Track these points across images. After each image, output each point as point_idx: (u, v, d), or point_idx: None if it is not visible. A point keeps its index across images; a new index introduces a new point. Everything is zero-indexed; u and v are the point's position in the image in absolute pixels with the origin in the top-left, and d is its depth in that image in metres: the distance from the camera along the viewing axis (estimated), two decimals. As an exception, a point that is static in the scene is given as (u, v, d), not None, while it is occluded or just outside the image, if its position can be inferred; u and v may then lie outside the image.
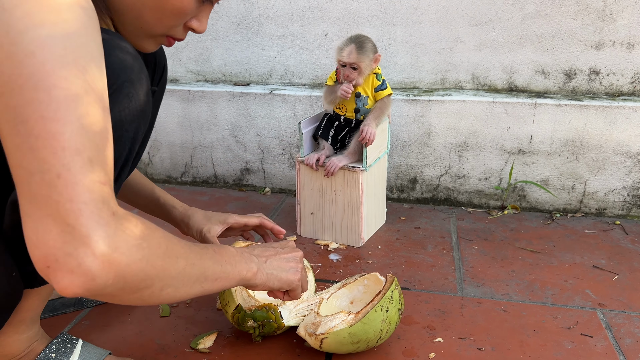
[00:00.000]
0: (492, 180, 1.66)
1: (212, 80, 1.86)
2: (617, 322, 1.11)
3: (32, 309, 0.85)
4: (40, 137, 0.54)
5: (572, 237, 1.49)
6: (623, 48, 1.55)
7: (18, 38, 0.54)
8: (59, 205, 0.54)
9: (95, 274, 0.55)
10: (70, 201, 0.54)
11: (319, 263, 1.35)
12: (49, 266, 0.55)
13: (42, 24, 0.55)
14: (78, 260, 0.54)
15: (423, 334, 1.07)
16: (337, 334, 0.93)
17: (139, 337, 1.06)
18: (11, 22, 0.54)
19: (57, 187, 0.54)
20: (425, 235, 1.49)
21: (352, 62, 1.31)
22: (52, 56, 0.55)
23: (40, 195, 0.54)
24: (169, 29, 0.77)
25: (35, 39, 0.54)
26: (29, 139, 0.54)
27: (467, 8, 1.60)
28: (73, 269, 0.54)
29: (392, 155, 1.69)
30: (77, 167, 0.55)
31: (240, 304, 1.00)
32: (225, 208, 1.68)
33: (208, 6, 0.78)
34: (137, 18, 0.75)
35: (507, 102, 1.58)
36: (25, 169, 0.55)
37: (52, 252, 0.54)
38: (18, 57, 0.54)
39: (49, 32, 0.55)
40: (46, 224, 0.54)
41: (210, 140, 1.82)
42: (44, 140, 0.54)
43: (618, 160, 1.56)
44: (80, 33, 0.57)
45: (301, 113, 1.71)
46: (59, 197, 0.54)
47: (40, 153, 0.54)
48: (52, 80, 0.54)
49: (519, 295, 1.20)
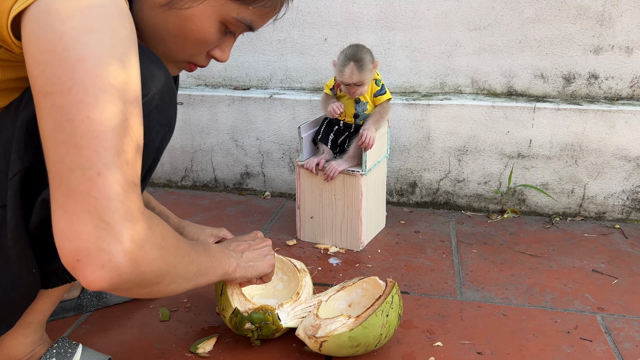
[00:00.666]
0: (491, 184, 1.66)
1: (212, 85, 1.87)
2: (617, 326, 1.11)
3: (42, 312, 0.87)
4: (85, 136, 0.57)
5: (571, 241, 1.49)
6: (622, 52, 1.56)
7: (70, 44, 0.58)
8: (97, 201, 0.57)
9: (122, 270, 0.59)
10: (108, 199, 0.58)
11: (318, 267, 1.35)
12: (80, 259, 0.57)
13: (94, 31, 0.59)
14: (109, 256, 0.58)
15: (422, 338, 1.07)
16: (337, 337, 0.93)
17: (138, 342, 1.06)
18: (65, 29, 0.58)
19: (96, 184, 0.58)
20: (425, 239, 1.49)
21: (356, 81, 1.31)
22: (100, 63, 0.59)
23: (79, 191, 0.57)
24: (191, 56, 0.80)
25: (86, 45, 0.58)
26: (74, 137, 0.58)
27: (466, 13, 1.61)
28: (104, 264, 0.58)
29: (391, 159, 1.69)
30: (116, 167, 0.59)
31: (237, 307, 1.00)
32: (225, 212, 1.68)
33: (231, 37, 0.80)
34: (160, 43, 0.77)
35: (506, 106, 1.58)
36: (67, 164, 0.58)
37: (85, 246, 0.57)
38: (69, 62, 0.58)
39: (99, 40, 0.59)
40: (82, 218, 0.57)
41: (211, 144, 1.83)
42: (88, 140, 0.58)
43: (617, 164, 1.56)
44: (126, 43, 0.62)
45: (301, 117, 1.72)
46: (97, 194, 0.57)
47: (84, 151, 0.58)
48: (100, 84, 0.58)
49: (518, 299, 1.20)
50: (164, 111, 0.75)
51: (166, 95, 0.75)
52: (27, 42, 0.59)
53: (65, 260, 0.58)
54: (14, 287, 0.73)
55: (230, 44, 0.81)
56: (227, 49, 0.81)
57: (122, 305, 1.18)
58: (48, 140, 0.59)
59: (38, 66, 0.58)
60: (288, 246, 1.46)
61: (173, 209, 1.70)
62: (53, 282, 0.79)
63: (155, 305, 1.18)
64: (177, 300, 1.20)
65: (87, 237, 0.57)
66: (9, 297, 0.74)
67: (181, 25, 0.74)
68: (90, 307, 1.15)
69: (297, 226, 1.50)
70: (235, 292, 1.02)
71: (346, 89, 1.34)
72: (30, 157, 0.68)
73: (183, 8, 0.72)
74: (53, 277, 0.78)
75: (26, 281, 0.73)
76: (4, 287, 0.72)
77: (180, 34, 0.75)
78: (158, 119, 0.75)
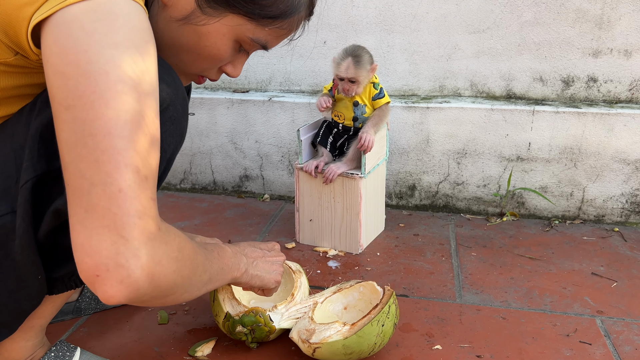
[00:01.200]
0: (490, 187, 1.66)
1: (211, 87, 1.87)
2: (616, 329, 1.11)
3: (44, 317, 0.87)
4: (107, 152, 0.58)
5: (570, 244, 1.49)
6: (620, 55, 1.56)
7: (94, 57, 0.58)
8: (117, 217, 0.58)
9: (140, 285, 0.60)
10: (128, 215, 0.58)
11: (317, 270, 1.35)
12: (99, 275, 0.58)
13: (118, 45, 0.59)
14: (128, 272, 0.58)
15: (422, 342, 1.06)
16: (331, 344, 0.93)
17: (137, 345, 1.06)
18: (90, 43, 0.58)
19: (117, 200, 0.58)
20: (424, 242, 1.49)
21: (351, 76, 1.32)
22: (124, 78, 0.59)
23: (100, 207, 0.58)
24: (203, 70, 0.81)
25: (110, 60, 0.58)
26: (95, 152, 0.58)
27: (465, 16, 1.61)
28: (123, 279, 0.58)
29: (390, 162, 1.69)
30: (136, 184, 0.59)
31: (229, 311, 1.00)
32: (224, 215, 1.68)
33: (244, 54, 0.81)
34: (174, 55, 0.78)
35: (505, 109, 1.58)
36: (88, 179, 0.58)
37: (104, 262, 0.58)
38: (93, 75, 0.58)
39: (122, 54, 0.59)
40: (101, 234, 0.58)
41: (210, 147, 1.83)
42: (109, 155, 0.58)
43: (616, 167, 1.56)
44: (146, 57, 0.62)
45: (300, 120, 1.72)
46: (117, 210, 0.58)
47: (106, 167, 0.58)
48: (122, 99, 0.59)
49: (517, 303, 1.20)
50: (176, 122, 0.76)
51: (179, 107, 0.75)
52: (49, 52, 0.59)
53: (84, 275, 0.59)
54: (19, 292, 0.73)
55: (243, 61, 0.82)
56: (239, 65, 0.82)
57: (120, 309, 1.17)
58: (68, 154, 0.59)
59: (60, 78, 0.58)
60: (287, 249, 1.46)
61: (172, 212, 1.70)
62: (58, 288, 0.79)
63: (154, 308, 1.18)
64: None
65: (106, 253, 0.57)
66: (14, 302, 0.74)
67: (196, 41, 0.74)
68: (89, 310, 1.14)
69: (296, 229, 1.49)
70: (226, 297, 1.03)
71: (341, 85, 1.34)
72: (43, 165, 0.68)
73: (199, 24, 0.73)
74: (58, 284, 0.78)
75: (32, 287, 0.73)
76: (10, 291, 0.72)
77: (194, 49, 0.75)
78: (171, 130, 0.75)
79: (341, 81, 1.34)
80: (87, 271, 0.58)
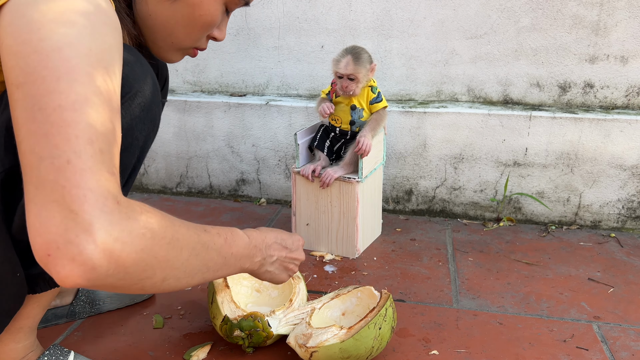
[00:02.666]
0: (487, 192, 1.66)
1: (208, 91, 1.86)
2: (613, 334, 1.11)
3: (31, 317, 0.85)
4: (56, 124, 0.55)
5: (567, 249, 1.49)
6: (617, 62, 1.56)
7: (48, 34, 0.57)
8: (65, 190, 0.54)
9: (96, 263, 0.54)
10: (77, 187, 0.54)
11: (314, 274, 1.34)
12: (50, 254, 0.54)
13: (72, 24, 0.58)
14: (79, 248, 0.54)
15: (418, 347, 1.06)
16: (328, 348, 0.92)
17: (132, 349, 1.05)
18: (43, 21, 0.57)
19: (65, 173, 0.55)
20: (421, 247, 1.49)
21: (350, 73, 1.32)
22: (77, 54, 0.57)
23: (48, 181, 0.55)
24: (196, 41, 0.84)
25: (64, 37, 0.57)
26: (45, 126, 0.55)
27: (463, 21, 1.61)
28: (74, 257, 0.54)
29: (387, 167, 1.69)
30: (87, 155, 0.56)
31: (227, 315, 0.99)
32: (220, 219, 1.67)
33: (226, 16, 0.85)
34: (169, 35, 0.81)
35: (502, 115, 1.59)
36: (37, 154, 0.55)
37: (54, 239, 0.54)
38: (45, 51, 0.56)
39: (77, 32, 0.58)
40: (50, 210, 0.54)
41: (206, 151, 1.82)
42: (58, 128, 0.55)
43: (613, 173, 1.57)
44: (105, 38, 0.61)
45: (297, 124, 1.71)
46: (65, 182, 0.54)
47: (54, 139, 0.55)
48: (75, 75, 0.57)
49: (514, 308, 1.20)
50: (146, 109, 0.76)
51: (149, 93, 0.75)
52: (4, 34, 0.58)
53: (37, 257, 0.55)
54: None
55: (226, 23, 0.86)
56: (224, 27, 0.86)
57: (115, 312, 1.16)
58: (20, 132, 0.57)
59: (13, 57, 0.57)
60: (283, 253, 1.45)
61: (168, 216, 1.69)
62: (40, 287, 0.78)
63: (149, 312, 1.17)
64: (171, 308, 1.19)
65: (55, 229, 0.54)
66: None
67: (190, 13, 0.78)
68: (83, 314, 1.13)
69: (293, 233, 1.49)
70: (225, 299, 1.02)
71: (340, 83, 1.34)
72: (10, 159, 0.67)
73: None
74: (40, 282, 0.77)
75: (11, 285, 0.72)
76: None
77: (189, 22, 0.79)
78: (141, 117, 0.75)
79: (340, 79, 1.34)
80: (39, 251, 0.55)
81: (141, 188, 1.91)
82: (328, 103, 1.39)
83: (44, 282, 0.77)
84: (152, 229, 0.61)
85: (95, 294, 1.14)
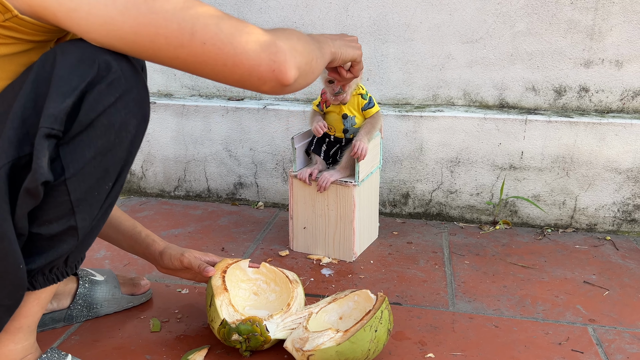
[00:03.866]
0: (483, 195, 1.67)
1: (206, 95, 1.87)
2: (608, 337, 1.11)
3: (30, 315, 0.86)
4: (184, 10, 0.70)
5: (563, 252, 1.49)
6: (612, 66, 1.57)
7: None
8: (251, 36, 0.74)
9: (295, 65, 0.77)
10: (255, 34, 0.75)
11: (311, 277, 1.35)
12: (274, 69, 0.75)
13: None
14: (285, 57, 0.75)
15: (414, 350, 1.06)
16: (324, 351, 0.93)
17: (129, 353, 1.05)
18: None
19: (245, 28, 0.74)
20: (418, 250, 1.50)
21: None
22: None
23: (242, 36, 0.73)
24: None
25: None
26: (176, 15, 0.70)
27: (459, 26, 1.62)
28: (286, 60, 0.75)
29: (384, 170, 1.70)
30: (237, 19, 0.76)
31: (225, 318, 1.00)
32: (218, 222, 1.68)
33: None
34: None
35: (498, 119, 1.60)
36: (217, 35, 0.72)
37: (271, 59, 0.74)
38: None
39: None
40: (254, 50, 0.74)
41: (204, 155, 1.83)
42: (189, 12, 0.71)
43: (608, 177, 1.58)
44: None
45: (294, 128, 1.72)
46: (249, 33, 0.74)
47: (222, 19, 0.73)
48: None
49: (510, 311, 1.20)
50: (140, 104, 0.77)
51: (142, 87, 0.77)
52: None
53: (262, 77, 0.75)
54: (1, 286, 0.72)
55: None
56: None
57: (112, 316, 1.17)
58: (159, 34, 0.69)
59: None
60: (281, 257, 1.46)
61: (165, 219, 1.70)
62: (40, 282, 0.78)
63: (146, 316, 1.18)
64: (168, 311, 1.19)
65: (266, 55, 0.74)
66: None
67: None
68: (81, 318, 1.14)
69: (290, 237, 1.49)
70: (224, 302, 1.02)
71: (329, 88, 1.34)
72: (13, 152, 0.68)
73: None
74: (39, 277, 0.78)
75: (14, 277, 0.72)
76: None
77: None
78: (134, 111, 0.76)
79: (330, 84, 1.34)
80: (264, 73, 0.74)
81: (139, 192, 1.91)
82: (321, 122, 1.39)
83: (43, 278, 0.78)
84: (293, 32, 0.83)
85: (93, 298, 1.15)
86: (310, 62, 0.82)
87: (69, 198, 0.73)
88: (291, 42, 0.78)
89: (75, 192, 0.73)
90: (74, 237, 0.77)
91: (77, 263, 0.83)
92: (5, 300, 0.74)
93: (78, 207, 0.74)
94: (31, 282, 0.77)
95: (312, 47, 0.85)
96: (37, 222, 0.72)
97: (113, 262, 1.41)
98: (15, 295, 0.75)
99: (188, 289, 1.28)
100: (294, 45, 0.78)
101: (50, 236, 0.75)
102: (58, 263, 0.79)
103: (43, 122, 0.68)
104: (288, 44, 0.77)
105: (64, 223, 0.75)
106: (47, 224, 0.74)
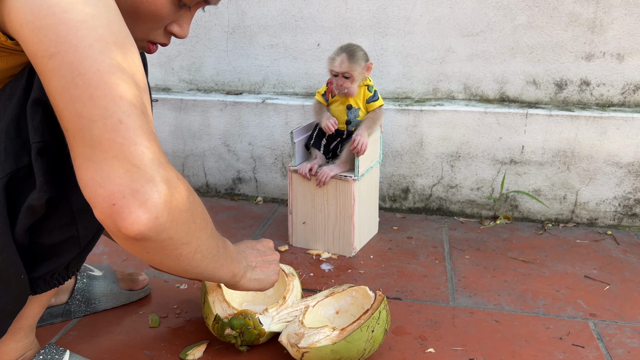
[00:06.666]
0: (484, 190, 1.66)
1: (204, 89, 1.86)
2: (609, 332, 1.11)
3: (31, 317, 0.86)
4: (99, 87, 0.58)
5: (563, 247, 1.49)
6: (613, 59, 1.56)
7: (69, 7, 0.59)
8: (124, 147, 0.58)
9: (159, 213, 0.59)
10: (135, 144, 0.58)
11: (310, 273, 1.34)
12: (115, 203, 0.57)
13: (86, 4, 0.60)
14: (146, 197, 0.58)
15: (415, 345, 1.06)
16: (319, 349, 0.92)
17: (127, 348, 1.04)
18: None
19: (120, 131, 0.58)
20: (418, 245, 1.49)
21: (345, 71, 1.32)
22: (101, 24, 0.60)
23: (104, 139, 0.58)
24: (148, 33, 0.77)
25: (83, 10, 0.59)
26: (88, 89, 0.58)
27: (459, 19, 1.61)
28: (141, 204, 0.58)
29: (384, 165, 1.69)
30: (135, 115, 0.59)
31: (218, 314, 0.99)
32: (217, 218, 1.67)
33: (187, 12, 0.78)
34: None
35: (498, 112, 1.59)
36: (86, 117, 0.58)
37: (120, 189, 0.57)
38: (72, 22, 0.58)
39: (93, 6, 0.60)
40: (112, 165, 0.58)
41: (202, 149, 1.82)
42: (103, 90, 0.58)
43: (609, 171, 1.57)
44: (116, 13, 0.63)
45: (293, 122, 1.71)
46: (122, 140, 0.58)
47: (101, 101, 0.58)
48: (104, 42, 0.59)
49: (511, 306, 1.20)
50: None
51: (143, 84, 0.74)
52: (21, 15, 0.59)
53: (99, 209, 0.58)
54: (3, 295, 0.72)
55: (188, 19, 0.79)
56: (185, 24, 0.79)
57: (110, 311, 1.16)
58: (61, 99, 0.59)
59: (39, 32, 0.58)
60: (280, 252, 1.45)
61: (164, 214, 1.69)
62: (41, 288, 0.78)
63: (145, 311, 1.17)
64: (167, 307, 1.19)
65: (120, 180, 0.57)
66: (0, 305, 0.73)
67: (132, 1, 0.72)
68: (79, 313, 1.13)
69: (289, 232, 1.49)
70: (217, 299, 1.02)
71: (335, 81, 1.34)
72: (11, 164, 0.67)
73: None
74: (41, 283, 0.78)
75: (15, 287, 0.72)
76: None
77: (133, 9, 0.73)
78: None
79: (335, 77, 1.34)
80: (101, 203, 0.58)
81: (137, 187, 1.90)
82: (332, 119, 1.37)
83: (45, 283, 0.78)
84: (192, 193, 0.66)
85: (91, 293, 1.14)
86: (187, 233, 0.65)
87: (71, 209, 0.73)
88: (180, 195, 0.62)
89: (77, 202, 0.72)
90: (76, 245, 0.77)
91: (77, 267, 0.83)
92: (7, 306, 0.74)
93: (80, 217, 0.74)
94: (33, 287, 0.77)
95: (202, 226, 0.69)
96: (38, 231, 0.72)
97: (111, 257, 1.40)
98: (18, 302, 0.75)
99: (187, 284, 1.28)
100: (179, 202, 0.62)
101: (51, 245, 0.74)
102: (59, 269, 0.79)
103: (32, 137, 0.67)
104: (171, 192, 0.60)
105: (65, 232, 0.74)
106: (49, 234, 0.73)
